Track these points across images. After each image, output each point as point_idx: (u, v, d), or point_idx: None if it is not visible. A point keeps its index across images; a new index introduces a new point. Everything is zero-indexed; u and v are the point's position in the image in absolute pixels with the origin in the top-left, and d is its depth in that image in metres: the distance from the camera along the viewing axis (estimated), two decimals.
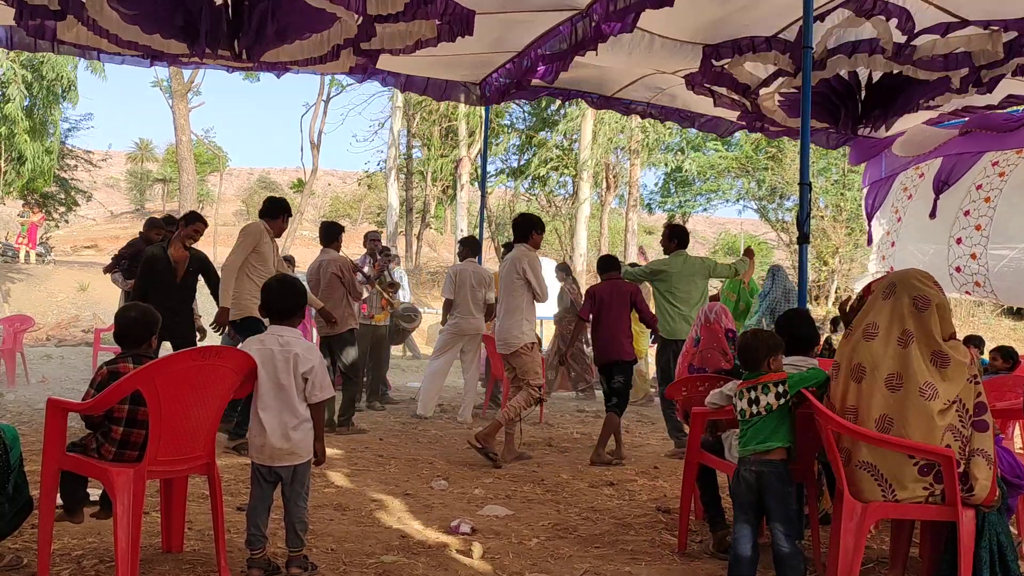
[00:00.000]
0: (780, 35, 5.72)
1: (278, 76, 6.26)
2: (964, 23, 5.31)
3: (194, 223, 5.89)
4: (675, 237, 6.53)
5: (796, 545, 3.00)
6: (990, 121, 7.16)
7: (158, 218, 7.17)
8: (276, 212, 5.89)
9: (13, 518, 2.98)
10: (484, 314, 7.44)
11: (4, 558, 3.01)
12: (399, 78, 6.99)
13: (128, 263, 7.20)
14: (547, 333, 11.54)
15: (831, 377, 3.08)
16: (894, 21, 5.21)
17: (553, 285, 8.44)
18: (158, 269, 5.75)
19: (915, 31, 5.36)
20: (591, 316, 6.02)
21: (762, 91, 6.49)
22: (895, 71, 5.92)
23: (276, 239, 5.86)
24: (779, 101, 6.69)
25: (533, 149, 22.50)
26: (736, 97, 6.80)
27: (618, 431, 5.90)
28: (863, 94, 6.22)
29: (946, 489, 2.82)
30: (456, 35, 5.01)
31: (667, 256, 6.53)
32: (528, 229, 5.88)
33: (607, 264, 6.28)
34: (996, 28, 5.27)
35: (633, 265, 8.30)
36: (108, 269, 7.76)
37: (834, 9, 5.20)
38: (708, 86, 6.62)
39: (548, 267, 9.65)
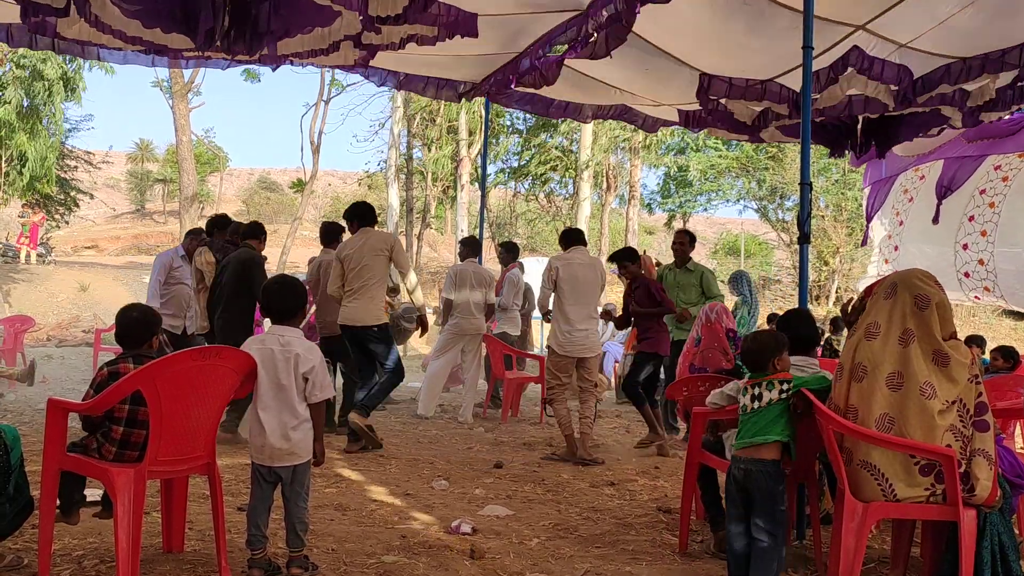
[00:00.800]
0: (776, 80, 5.83)
1: (273, 69, 6.27)
2: (963, 61, 5.33)
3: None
4: (694, 243, 7.01)
5: (776, 541, 2.97)
6: (991, 129, 7.16)
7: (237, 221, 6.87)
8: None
9: (14, 518, 2.98)
10: (484, 314, 7.43)
11: (5, 558, 3.01)
12: (398, 76, 6.99)
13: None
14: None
15: (835, 378, 3.09)
16: (892, 76, 5.25)
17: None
18: (260, 277, 5.77)
19: (913, 78, 5.40)
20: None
21: (762, 130, 6.59)
22: (893, 113, 6.01)
23: None
24: (779, 128, 6.73)
25: (534, 150, 22.49)
26: (734, 135, 6.95)
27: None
28: (860, 126, 6.33)
29: (947, 489, 2.82)
30: (457, 35, 5.01)
31: (690, 262, 6.92)
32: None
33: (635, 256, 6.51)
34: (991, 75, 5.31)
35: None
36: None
37: (827, 57, 5.25)
38: (705, 117, 6.75)
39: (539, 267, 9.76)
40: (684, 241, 6.86)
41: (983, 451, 2.84)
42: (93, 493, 3.35)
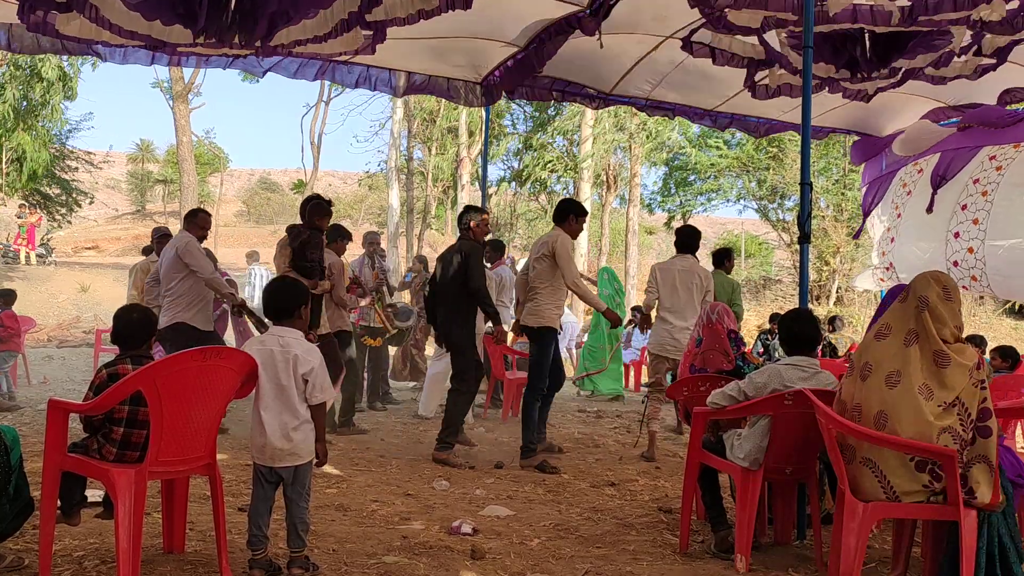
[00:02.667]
0: None
1: (275, 72, 6.26)
2: None
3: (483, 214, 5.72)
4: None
5: None
6: (988, 114, 7.09)
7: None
8: (566, 215, 5.71)
9: (14, 519, 2.98)
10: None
11: (5, 559, 3.01)
12: (399, 75, 6.96)
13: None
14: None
15: (846, 376, 3.10)
16: None
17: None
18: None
19: None
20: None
21: (767, 35, 6.25)
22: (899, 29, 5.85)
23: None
24: (785, 39, 6.45)
25: (533, 152, 22.47)
26: (738, 51, 6.56)
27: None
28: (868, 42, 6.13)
29: (947, 489, 2.82)
30: (454, 5, 4.94)
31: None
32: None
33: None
34: None
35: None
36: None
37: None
38: (708, 44, 6.44)
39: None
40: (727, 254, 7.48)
41: (984, 457, 2.83)
42: (94, 494, 3.36)
